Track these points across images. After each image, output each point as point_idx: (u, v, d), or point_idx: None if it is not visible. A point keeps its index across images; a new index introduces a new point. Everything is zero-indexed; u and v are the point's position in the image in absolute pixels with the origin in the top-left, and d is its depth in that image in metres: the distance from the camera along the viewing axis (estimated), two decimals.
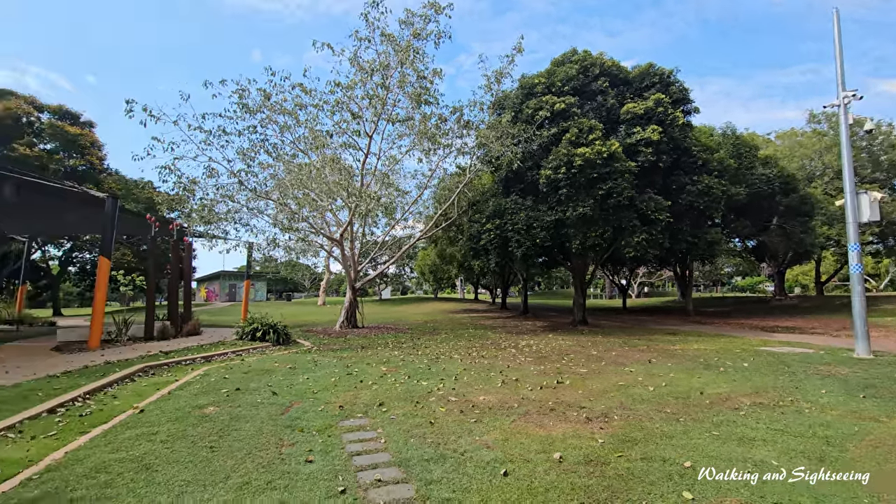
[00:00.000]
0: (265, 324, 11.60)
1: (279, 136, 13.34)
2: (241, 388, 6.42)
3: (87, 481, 3.34)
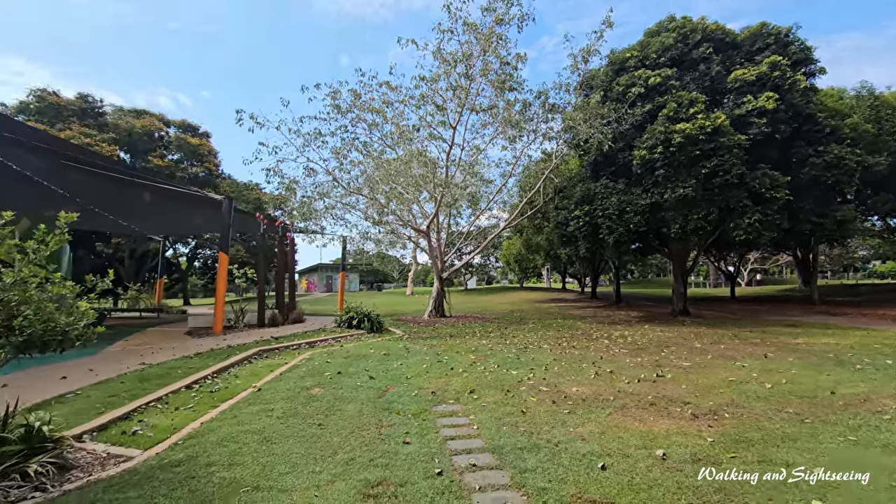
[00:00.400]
0: (360, 313, 12.29)
1: (368, 134, 13.99)
2: (342, 372, 6.87)
3: (220, 449, 3.79)
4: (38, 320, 3.04)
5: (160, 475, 3.27)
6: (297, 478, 3.32)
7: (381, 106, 13.40)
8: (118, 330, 12.43)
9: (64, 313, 3.18)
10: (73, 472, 3.30)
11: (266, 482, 3.22)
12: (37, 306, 3.03)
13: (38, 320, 3.04)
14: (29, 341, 3.04)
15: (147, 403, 5.07)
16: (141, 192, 14.69)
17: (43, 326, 3.04)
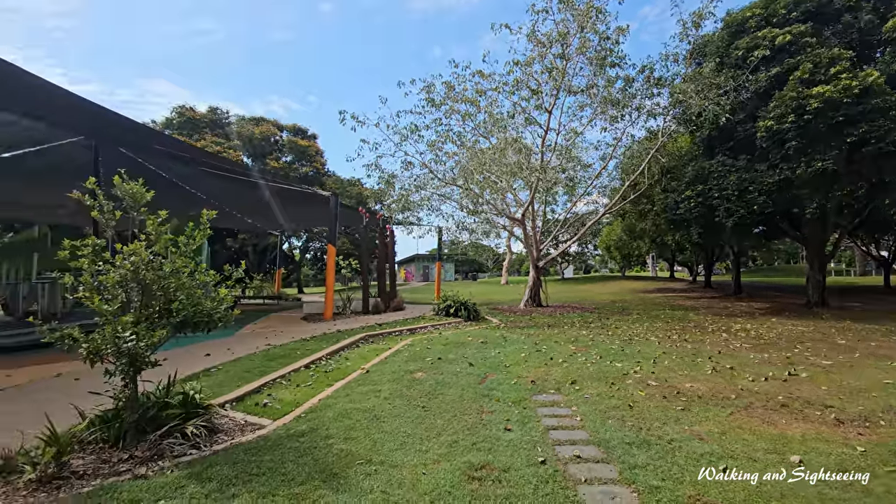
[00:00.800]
0: (457, 301, 12.55)
1: (462, 125, 14.11)
2: (442, 358, 7.08)
3: (336, 423, 4.13)
4: (190, 304, 3.54)
5: (288, 443, 3.65)
6: (405, 455, 3.50)
7: (474, 96, 13.42)
8: (247, 315, 14.07)
9: (209, 298, 3.68)
10: (219, 435, 3.82)
11: (378, 457, 3.44)
12: (188, 292, 3.54)
13: (190, 304, 3.54)
14: (184, 322, 3.56)
15: (274, 380, 5.68)
16: (262, 192, 16.40)
17: (194, 309, 3.54)
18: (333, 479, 3.07)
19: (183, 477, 3.04)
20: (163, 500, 2.75)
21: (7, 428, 3.82)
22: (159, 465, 3.21)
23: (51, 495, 2.82)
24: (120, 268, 3.34)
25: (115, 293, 3.50)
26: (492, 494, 2.91)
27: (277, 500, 2.78)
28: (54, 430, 3.14)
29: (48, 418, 3.26)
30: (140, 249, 3.36)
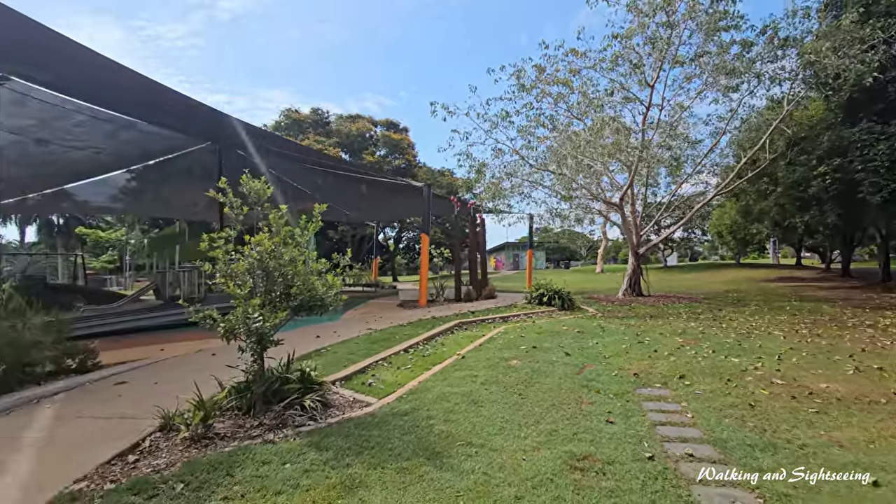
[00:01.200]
0: (550, 290, 12.27)
1: (553, 108, 13.64)
2: (537, 347, 6.99)
3: (436, 405, 4.29)
4: (305, 289, 3.88)
5: (393, 421, 3.87)
6: (504, 440, 3.53)
7: (566, 76, 12.88)
8: (349, 301, 15.08)
9: (321, 284, 4.00)
10: (332, 410, 4.16)
11: (477, 440, 3.52)
12: (304, 279, 3.88)
13: (305, 289, 3.88)
14: (300, 305, 3.92)
15: (376, 361, 6.03)
16: (359, 185, 17.37)
17: (309, 294, 3.88)
18: (436, 457, 3.20)
19: (304, 445, 3.36)
20: (288, 464, 3.07)
21: (166, 393, 4.53)
22: (283, 433, 3.58)
23: (201, 451, 3.29)
24: (248, 257, 3.76)
25: (243, 279, 3.95)
26: (596, 486, 2.84)
27: (386, 473, 2.97)
28: (201, 397, 3.65)
29: (196, 387, 3.80)
30: (264, 240, 3.75)
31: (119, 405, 4.28)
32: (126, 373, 5.48)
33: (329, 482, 2.85)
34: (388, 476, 2.94)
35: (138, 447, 3.39)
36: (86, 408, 4.21)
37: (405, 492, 2.75)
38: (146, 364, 5.94)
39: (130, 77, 8.28)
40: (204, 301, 10.81)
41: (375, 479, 2.89)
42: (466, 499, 2.69)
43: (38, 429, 3.74)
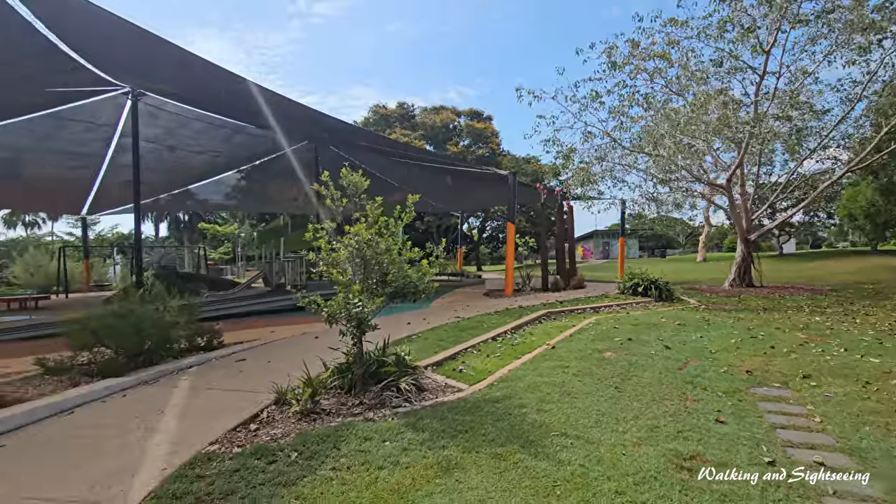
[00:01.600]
0: (646, 279, 11.55)
1: (649, 84, 12.68)
2: (633, 339, 6.63)
3: (528, 394, 4.25)
4: (400, 276, 4.04)
5: (485, 407, 3.90)
6: (601, 433, 3.41)
7: (664, 49, 11.88)
8: (437, 290, 15.43)
9: (415, 271, 4.13)
10: (425, 393, 4.30)
11: (573, 431, 3.43)
12: (398, 267, 4.04)
13: (400, 276, 4.04)
14: (395, 292, 4.09)
15: (465, 349, 6.11)
16: (444, 176, 17.62)
17: (403, 282, 4.03)
18: (531, 445, 3.18)
19: (401, 425, 3.52)
20: (388, 442, 3.24)
21: (278, 371, 4.98)
22: (382, 413, 3.78)
23: (310, 424, 3.58)
24: (348, 246, 3.99)
25: (343, 268, 4.20)
26: (706, 488, 2.63)
27: (481, 457, 3.01)
28: (310, 376, 3.96)
29: (305, 366, 4.14)
30: (362, 230, 3.95)
31: (240, 380, 4.80)
32: (243, 352, 6.12)
33: (426, 461, 2.95)
34: (482, 460, 2.97)
35: (257, 417, 3.78)
36: (214, 381, 4.78)
37: (500, 477, 2.77)
38: (260, 344, 6.59)
39: (242, 85, 9.08)
40: (306, 288, 11.73)
41: (470, 463, 2.94)
42: (564, 489, 2.64)
43: (178, 397, 4.32)
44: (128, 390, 4.51)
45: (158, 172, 17.09)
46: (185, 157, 17.58)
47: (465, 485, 2.68)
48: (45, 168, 15.57)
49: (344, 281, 3.91)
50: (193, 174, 19.40)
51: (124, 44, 8.54)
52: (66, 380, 4.62)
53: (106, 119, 14.26)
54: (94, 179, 17.52)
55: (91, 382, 4.51)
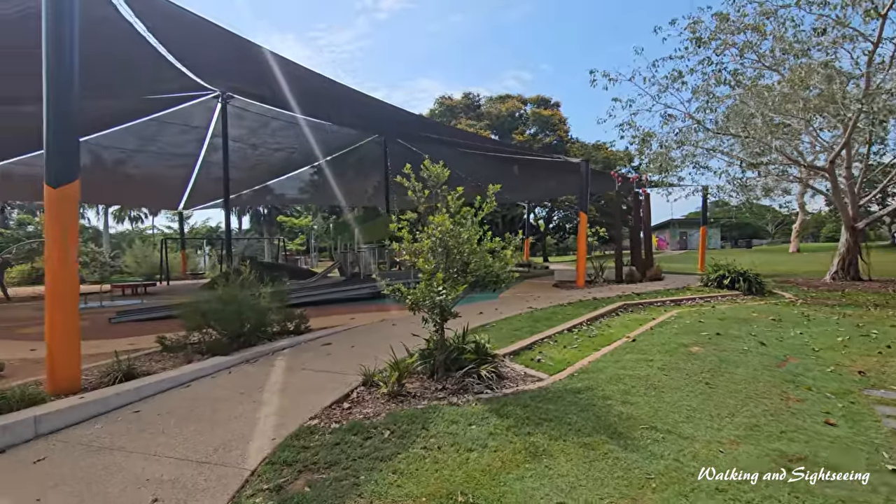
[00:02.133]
0: (733, 271, 10.76)
1: (738, 60, 11.65)
2: (721, 334, 6.25)
3: (610, 386, 4.17)
4: (482, 266, 4.10)
5: (567, 397, 3.88)
6: (694, 429, 3.28)
7: (757, 20, 10.85)
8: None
9: (497, 261, 4.18)
10: (505, 382, 4.34)
11: (663, 425, 3.33)
12: (480, 256, 4.10)
13: (482, 266, 4.10)
14: (477, 281, 4.16)
15: (541, 339, 6.07)
16: (511, 166, 17.42)
17: (484, 271, 4.09)
18: (619, 437, 3.13)
19: (485, 410, 3.59)
20: (474, 426, 3.32)
21: (362, 355, 5.26)
22: (465, 398, 3.88)
23: (398, 406, 3.76)
24: (431, 236, 4.11)
25: (425, 257, 4.33)
26: (819, 492, 2.46)
27: (568, 446, 3.01)
28: (396, 360, 4.15)
29: (392, 351, 4.34)
30: (444, 220, 4.05)
31: (328, 362, 5.12)
32: (328, 336, 6.50)
33: (513, 447, 3.00)
34: (570, 449, 2.97)
35: (349, 397, 4.02)
36: (306, 362, 5.13)
37: (591, 466, 2.76)
38: (342, 330, 6.97)
39: (324, 82, 9.43)
40: (370, 279, 12.16)
41: (558, 450, 2.95)
42: (659, 482, 2.58)
43: (276, 375, 4.70)
44: (232, 368, 4.98)
45: (241, 170, 18.42)
46: (265, 154, 18.84)
47: (554, 471, 2.71)
48: (149, 167, 17.33)
49: (429, 269, 4.04)
50: (272, 171, 20.72)
51: (216, 49, 9.17)
52: (181, 356, 5.19)
53: (198, 121, 15.57)
54: (189, 177, 19.27)
55: (202, 360, 5.02)
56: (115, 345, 6.05)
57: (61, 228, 3.90)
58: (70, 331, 3.99)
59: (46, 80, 3.85)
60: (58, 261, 3.90)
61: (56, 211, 3.87)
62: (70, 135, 4.02)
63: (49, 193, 3.85)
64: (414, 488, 2.55)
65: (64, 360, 3.96)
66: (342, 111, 12.93)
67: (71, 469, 2.87)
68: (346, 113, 13.52)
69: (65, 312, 3.95)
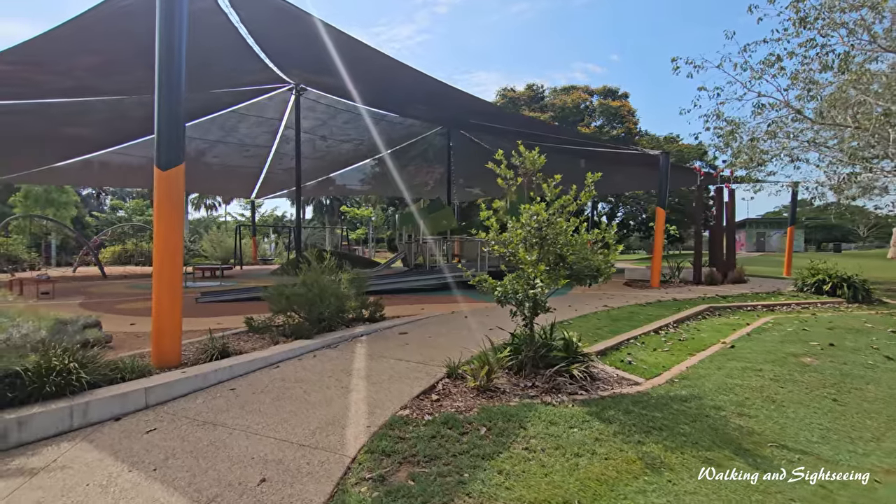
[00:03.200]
0: (835, 276, 9.71)
1: (847, 41, 10.40)
2: (835, 345, 5.59)
3: (721, 396, 3.79)
4: (580, 258, 3.85)
5: (673, 405, 3.56)
6: (833, 451, 2.87)
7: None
8: None
9: (597, 254, 3.91)
10: (598, 383, 4.07)
11: (794, 444, 2.95)
12: (579, 247, 3.85)
13: (580, 258, 3.85)
14: (573, 274, 3.91)
15: (626, 340, 5.70)
16: (578, 159, 16.71)
17: (583, 264, 3.83)
18: (745, 454, 2.79)
19: (584, 413, 3.36)
20: (576, 429, 3.10)
21: (439, 345, 5.17)
22: (559, 398, 3.66)
23: (488, 401, 3.60)
24: (525, 226, 3.90)
25: (514, 248, 4.14)
26: None
27: (687, 459, 2.72)
28: (484, 352, 4.00)
29: (489, 340, 4.19)
30: (541, 210, 3.83)
31: (408, 351, 5.06)
32: (402, 325, 6.48)
33: (625, 455, 2.76)
34: (691, 463, 2.68)
35: (434, 388, 3.92)
36: (386, 350, 5.10)
37: (721, 486, 2.46)
38: (416, 320, 6.92)
39: (391, 62, 9.09)
40: (434, 270, 12.10)
41: (678, 464, 2.67)
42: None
43: (359, 361, 4.69)
44: (315, 352, 5.04)
45: (310, 160, 18.94)
46: (333, 145, 19.33)
47: (680, 488, 2.44)
48: (226, 157, 18.27)
49: (530, 260, 3.82)
50: (339, 161, 21.25)
51: (295, 35, 9.05)
52: (266, 338, 5.33)
53: (272, 113, 16.17)
54: (262, 167, 20.17)
55: (286, 343, 5.13)
56: (204, 323, 6.36)
57: (170, 207, 4.07)
58: (174, 308, 4.17)
59: (158, 72, 4.01)
60: (164, 241, 4.07)
61: (165, 191, 4.04)
62: (178, 121, 4.17)
63: (159, 176, 4.02)
64: (525, 492, 2.38)
65: (168, 335, 4.14)
66: (413, 98, 12.71)
67: (180, 443, 2.95)
68: (415, 100, 13.31)
69: (171, 290, 4.13)
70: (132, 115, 12.30)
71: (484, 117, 14.08)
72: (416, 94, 12.01)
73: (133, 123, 13.01)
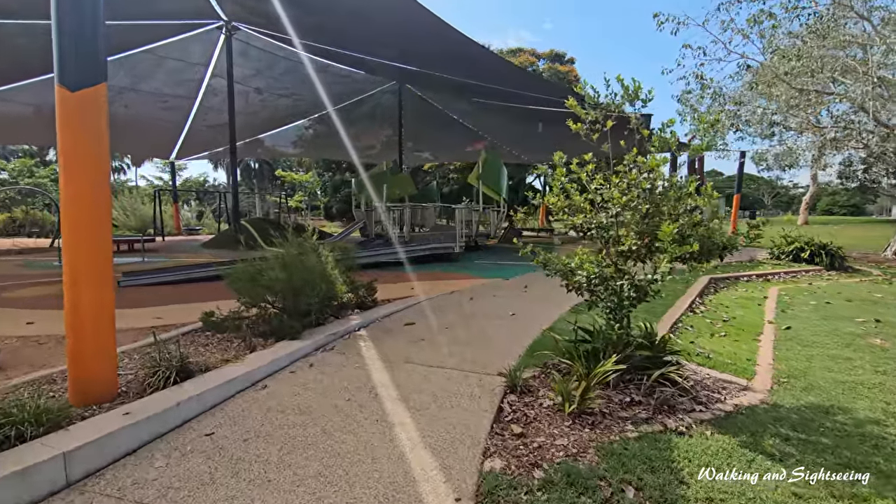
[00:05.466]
0: (812, 244, 9.77)
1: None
2: (882, 321, 5.22)
3: (857, 402, 3.06)
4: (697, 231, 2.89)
5: (820, 421, 2.76)
6: None
7: None
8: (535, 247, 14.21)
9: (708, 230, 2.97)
10: (701, 391, 3.19)
11: None
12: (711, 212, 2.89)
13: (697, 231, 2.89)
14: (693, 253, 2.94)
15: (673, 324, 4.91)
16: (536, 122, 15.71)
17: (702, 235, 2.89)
18: None
19: (735, 445, 2.45)
20: (747, 474, 2.18)
21: (461, 341, 4.08)
22: (679, 419, 2.74)
23: (594, 432, 2.59)
24: (634, 186, 2.85)
25: (591, 217, 3.11)
26: None
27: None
28: (581, 364, 2.97)
29: (554, 337, 3.15)
30: (651, 162, 2.79)
31: (431, 351, 3.90)
32: (401, 312, 5.27)
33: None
34: None
35: (503, 413, 2.85)
36: (402, 351, 3.90)
37: None
38: (413, 304, 5.70)
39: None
40: (410, 242, 10.81)
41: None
42: None
43: (376, 371, 3.47)
44: (309, 357, 3.75)
45: (241, 115, 16.27)
46: (270, 100, 16.89)
47: None
48: (139, 109, 15.24)
49: (631, 230, 2.78)
50: (276, 118, 18.81)
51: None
52: (235, 340, 3.92)
53: (198, 58, 13.60)
54: (185, 122, 17.27)
55: (266, 345, 3.77)
56: (136, 317, 4.76)
57: (88, 150, 2.52)
58: (102, 310, 2.70)
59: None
60: (81, 204, 2.54)
61: (80, 123, 2.47)
62: (95, 8, 2.56)
63: (65, 101, 2.44)
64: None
65: (94, 352, 2.68)
66: (358, 33, 10.48)
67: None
68: (360, 36, 11.01)
69: (97, 283, 2.63)
70: (13, 44, 9.52)
71: (451, 58, 12.22)
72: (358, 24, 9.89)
73: (14, 58, 10.16)
